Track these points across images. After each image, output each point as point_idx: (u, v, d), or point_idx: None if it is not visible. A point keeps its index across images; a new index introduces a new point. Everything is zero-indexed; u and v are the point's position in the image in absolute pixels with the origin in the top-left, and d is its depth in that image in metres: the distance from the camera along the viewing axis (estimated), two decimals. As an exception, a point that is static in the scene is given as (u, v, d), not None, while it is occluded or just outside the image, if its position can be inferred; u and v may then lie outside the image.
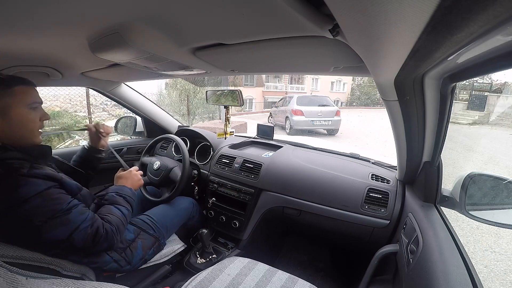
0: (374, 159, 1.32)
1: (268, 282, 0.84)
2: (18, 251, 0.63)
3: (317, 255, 1.56)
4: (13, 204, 0.62)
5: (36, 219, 0.64)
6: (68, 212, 0.69)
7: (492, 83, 9.36)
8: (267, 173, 1.25)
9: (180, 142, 1.31)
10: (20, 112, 0.72)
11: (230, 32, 0.53)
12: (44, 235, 0.66)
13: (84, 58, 0.86)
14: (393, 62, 0.43)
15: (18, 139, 0.73)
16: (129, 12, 0.47)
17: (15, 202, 0.62)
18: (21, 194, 0.63)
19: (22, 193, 0.63)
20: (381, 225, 1.00)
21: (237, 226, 1.30)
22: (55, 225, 0.66)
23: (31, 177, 0.66)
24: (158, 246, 1.03)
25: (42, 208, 0.65)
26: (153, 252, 1.00)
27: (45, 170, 0.70)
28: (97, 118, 5.88)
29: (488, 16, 0.21)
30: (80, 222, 0.71)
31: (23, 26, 0.55)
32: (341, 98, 19.78)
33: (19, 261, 0.62)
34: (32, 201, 0.63)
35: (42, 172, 0.69)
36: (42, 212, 0.65)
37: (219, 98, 1.29)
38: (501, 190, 0.72)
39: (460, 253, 0.59)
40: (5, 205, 0.62)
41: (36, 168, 0.69)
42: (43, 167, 0.72)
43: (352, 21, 0.33)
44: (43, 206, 0.65)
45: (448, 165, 1.99)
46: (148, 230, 1.02)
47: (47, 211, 0.65)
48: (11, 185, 0.63)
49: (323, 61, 0.70)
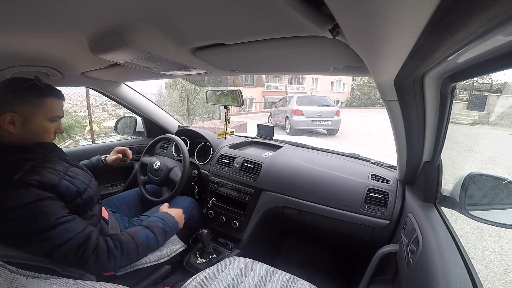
0: (374, 159, 1.32)
1: (268, 282, 0.84)
2: (18, 251, 0.63)
3: (317, 255, 1.56)
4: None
5: (17, 231, 0.61)
6: (51, 229, 0.63)
7: (492, 83, 9.36)
8: (267, 173, 1.25)
9: (180, 142, 1.31)
10: (41, 123, 0.72)
11: (230, 32, 0.53)
12: (21, 248, 0.62)
13: (84, 58, 0.86)
14: (393, 62, 0.43)
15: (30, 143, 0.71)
16: (129, 12, 0.47)
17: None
18: (6, 204, 0.59)
19: (5, 203, 0.59)
20: (381, 225, 1.00)
21: (237, 226, 1.30)
22: (32, 240, 0.62)
23: (21, 186, 0.61)
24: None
25: (21, 221, 0.60)
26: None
27: (42, 176, 0.66)
28: (97, 118, 5.87)
29: (488, 16, 0.21)
30: (63, 241, 0.64)
31: (23, 26, 0.55)
32: (341, 98, 19.77)
33: (19, 261, 0.61)
34: (13, 213, 0.59)
35: (35, 179, 0.63)
36: (20, 226, 0.60)
37: (219, 98, 1.29)
38: (501, 190, 0.72)
39: (460, 253, 0.59)
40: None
41: (33, 173, 0.65)
42: (44, 168, 0.68)
43: (352, 21, 0.33)
44: (22, 220, 0.60)
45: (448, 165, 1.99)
46: None
47: (25, 226, 0.60)
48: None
49: (323, 61, 0.70)
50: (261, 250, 1.38)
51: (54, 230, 0.63)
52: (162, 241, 0.88)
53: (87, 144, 3.29)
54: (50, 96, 0.73)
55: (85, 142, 4.70)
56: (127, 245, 0.77)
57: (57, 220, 0.64)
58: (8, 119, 0.67)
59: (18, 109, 0.68)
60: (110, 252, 0.73)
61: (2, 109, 0.67)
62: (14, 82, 0.70)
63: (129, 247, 0.77)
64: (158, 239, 0.86)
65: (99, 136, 5.27)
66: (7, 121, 0.67)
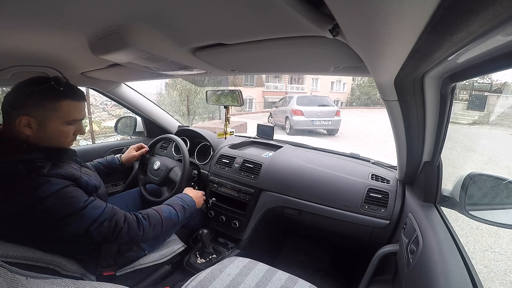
0: (374, 159, 1.32)
1: (268, 282, 0.84)
2: (18, 251, 0.63)
3: (317, 255, 1.56)
4: (30, 204, 0.63)
5: (51, 217, 0.65)
6: (83, 208, 0.70)
7: (492, 83, 9.36)
8: (267, 173, 1.25)
9: (180, 142, 1.31)
10: (55, 127, 0.72)
11: (230, 32, 0.53)
12: (62, 230, 0.68)
13: (84, 58, 0.86)
14: (393, 62, 0.43)
15: (46, 145, 0.72)
16: (129, 12, 0.47)
17: (32, 202, 0.63)
18: (39, 193, 0.63)
19: (40, 192, 0.64)
20: (381, 225, 1.00)
21: (237, 226, 1.30)
22: (71, 221, 0.68)
23: (50, 176, 0.67)
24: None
25: (57, 207, 0.66)
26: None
27: (65, 169, 0.71)
28: (97, 118, 5.87)
29: (488, 16, 0.21)
30: (96, 216, 0.71)
31: (23, 26, 0.55)
32: (341, 98, 19.77)
33: (19, 261, 0.62)
34: (48, 200, 0.64)
35: (61, 172, 0.70)
36: (57, 211, 0.66)
37: (219, 98, 1.29)
38: (501, 190, 0.72)
39: (460, 253, 0.59)
40: (23, 206, 0.63)
41: (57, 168, 0.70)
42: (64, 166, 0.72)
43: (352, 21, 0.33)
44: (58, 205, 0.66)
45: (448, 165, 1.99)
46: None
47: (62, 210, 0.66)
48: (30, 186, 0.63)
49: (323, 61, 0.70)
50: (261, 250, 1.38)
51: (86, 209, 0.70)
52: (182, 216, 0.97)
53: (87, 144, 3.29)
54: (67, 99, 0.72)
55: (85, 142, 4.70)
56: (153, 217, 0.86)
57: (85, 201, 0.71)
58: (24, 122, 0.67)
59: (32, 113, 0.68)
60: (140, 222, 0.82)
61: (18, 113, 0.67)
62: (30, 84, 0.69)
63: (155, 219, 0.86)
64: (179, 214, 0.95)
65: (99, 136, 5.27)
66: (23, 124, 0.68)
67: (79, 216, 0.69)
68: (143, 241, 0.86)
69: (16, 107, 0.68)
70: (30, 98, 0.68)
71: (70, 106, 0.73)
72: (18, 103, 0.68)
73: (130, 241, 0.80)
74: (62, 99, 0.71)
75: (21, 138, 0.69)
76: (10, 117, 0.68)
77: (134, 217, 0.81)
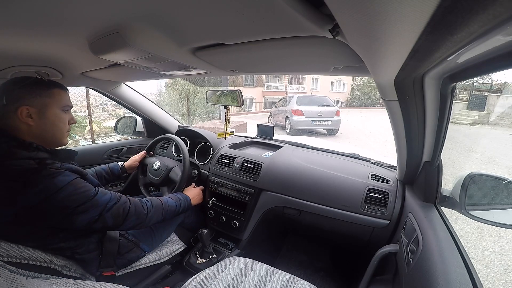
0: (374, 159, 1.32)
1: (268, 282, 0.84)
2: (18, 251, 0.63)
3: (317, 255, 1.56)
4: (49, 194, 0.66)
5: (70, 204, 0.70)
6: (95, 195, 0.76)
7: (492, 83, 9.36)
8: (267, 173, 1.25)
9: (180, 142, 1.31)
10: (55, 113, 0.77)
11: (230, 32, 0.53)
12: (79, 218, 0.72)
13: (84, 58, 0.86)
14: (393, 62, 0.43)
15: (50, 139, 0.77)
16: (129, 12, 0.47)
17: (51, 191, 0.67)
18: (57, 183, 0.68)
19: (57, 182, 0.68)
20: (381, 225, 1.00)
21: (237, 226, 1.30)
22: (87, 208, 0.73)
23: (64, 169, 0.72)
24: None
25: (74, 195, 0.71)
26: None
27: (71, 166, 0.78)
28: (97, 118, 5.87)
29: (488, 16, 0.21)
30: (106, 201, 0.78)
31: (23, 26, 0.55)
32: (341, 98, 19.77)
33: (19, 261, 0.61)
34: (65, 189, 0.69)
35: (71, 167, 0.76)
36: (75, 199, 0.71)
37: (219, 98, 1.29)
38: (501, 190, 0.72)
39: (460, 253, 0.59)
40: (41, 196, 0.66)
41: (65, 164, 0.76)
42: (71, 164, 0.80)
43: (352, 21, 0.33)
44: (75, 194, 0.71)
45: (448, 165, 1.99)
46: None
47: (79, 198, 0.72)
48: (48, 176, 0.68)
49: (323, 61, 0.70)
50: (261, 250, 1.38)
51: (97, 195, 0.76)
52: (178, 205, 1.05)
53: (87, 144, 3.29)
54: (56, 87, 0.78)
55: (85, 142, 4.70)
56: (154, 200, 0.96)
57: (95, 190, 0.77)
58: (25, 113, 0.71)
59: (31, 102, 0.72)
60: (144, 203, 0.91)
61: (17, 104, 0.70)
62: (20, 79, 0.74)
63: (156, 202, 0.96)
64: (175, 202, 1.05)
65: (99, 136, 5.26)
66: (25, 115, 0.71)
67: (93, 202, 0.74)
68: (147, 223, 0.91)
69: (12, 101, 0.70)
70: (25, 89, 0.72)
71: (61, 94, 0.79)
72: (14, 96, 0.71)
73: (137, 221, 0.86)
74: (52, 87, 0.77)
75: (23, 131, 0.72)
76: (8, 112, 0.70)
77: (137, 199, 0.90)
